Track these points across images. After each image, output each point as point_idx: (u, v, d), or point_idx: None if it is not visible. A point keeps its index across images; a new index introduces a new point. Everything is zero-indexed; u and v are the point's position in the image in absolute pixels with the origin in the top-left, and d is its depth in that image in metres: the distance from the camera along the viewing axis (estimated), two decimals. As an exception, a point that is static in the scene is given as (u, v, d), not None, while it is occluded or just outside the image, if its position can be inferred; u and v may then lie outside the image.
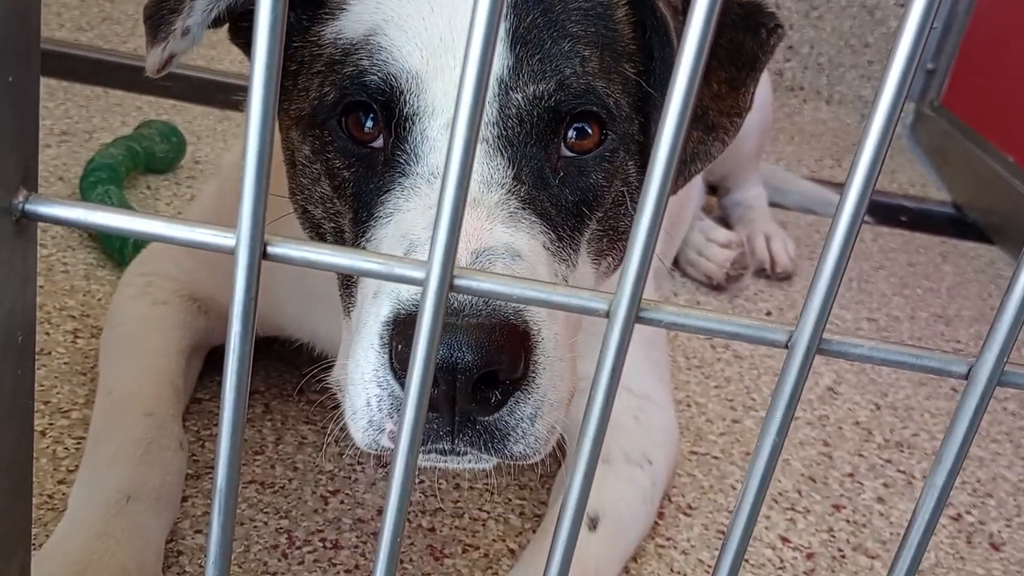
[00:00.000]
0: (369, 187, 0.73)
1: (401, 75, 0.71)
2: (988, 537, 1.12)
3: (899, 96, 0.41)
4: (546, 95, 0.72)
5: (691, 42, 0.39)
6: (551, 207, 0.72)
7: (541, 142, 0.72)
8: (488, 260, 0.65)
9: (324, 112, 0.75)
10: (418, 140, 0.71)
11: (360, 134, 0.73)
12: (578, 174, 0.75)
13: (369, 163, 0.73)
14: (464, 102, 0.40)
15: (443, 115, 0.70)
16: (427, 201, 0.69)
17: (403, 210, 0.70)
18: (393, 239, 0.69)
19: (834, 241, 0.43)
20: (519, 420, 0.65)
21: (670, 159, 0.41)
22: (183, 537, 0.89)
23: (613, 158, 0.77)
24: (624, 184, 0.79)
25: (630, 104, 0.77)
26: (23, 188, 0.45)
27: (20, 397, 0.50)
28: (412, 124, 0.71)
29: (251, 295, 0.45)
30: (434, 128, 0.70)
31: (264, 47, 0.40)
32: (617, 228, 0.80)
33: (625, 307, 0.45)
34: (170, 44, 0.78)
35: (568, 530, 0.49)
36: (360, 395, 0.66)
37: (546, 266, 0.70)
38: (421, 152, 0.71)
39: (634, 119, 0.78)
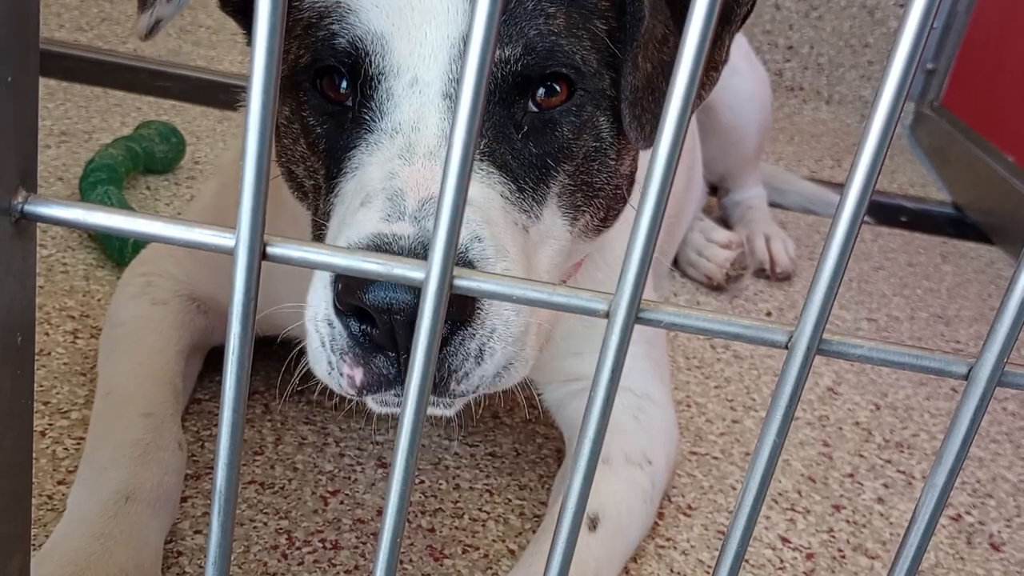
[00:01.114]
0: (339, 143, 0.75)
1: (367, 37, 0.73)
2: (988, 537, 1.12)
3: (899, 96, 0.40)
4: (512, 59, 0.73)
5: (691, 42, 0.39)
6: (512, 160, 0.74)
7: (505, 101, 0.74)
8: (433, 208, 0.66)
9: (300, 74, 0.77)
10: (383, 98, 0.73)
11: (334, 94, 0.76)
12: (543, 128, 0.76)
13: (340, 120, 0.76)
14: (463, 110, 0.40)
15: (408, 73, 0.72)
16: (387, 154, 0.71)
17: (365, 164, 0.72)
18: (354, 191, 0.71)
19: (834, 241, 0.43)
20: (464, 359, 0.67)
21: (670, 160, 0.41)
22: (183, 538, 0.89)
23: (581, 112, 0.78)
24: (595, 139, 0.80)
25: (599, 60, 0.78)
26: (22, 188, 0.45)
27: (20, 397, 0.50)
28: (378, 83, 0.73)
29: (250, 295, 0.45)
30: (399, 86, 0.73)
31: (263, 48, 0.40)
32: (592, 184, 0.81)
33: (625, 308, 0.45)
34: (157, 8, 0.81)
35: (568, 530, 0.49)
36: (314, 336, 0.69)
37: (501, 213, 0.72)
38: (386, 109, 0.73)
39: (604, 74, 0.79)
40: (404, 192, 0.68)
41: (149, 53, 2.29)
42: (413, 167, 0.69)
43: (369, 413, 1.13)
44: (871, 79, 2.93)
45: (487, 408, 1.18)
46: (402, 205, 0.67)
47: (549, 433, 1.15)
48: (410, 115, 0.72)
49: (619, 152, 0.83)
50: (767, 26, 2.92)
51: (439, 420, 1.14)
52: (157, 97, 1.98)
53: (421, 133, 0.71)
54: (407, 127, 0.72)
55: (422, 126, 0.71)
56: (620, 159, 0.83)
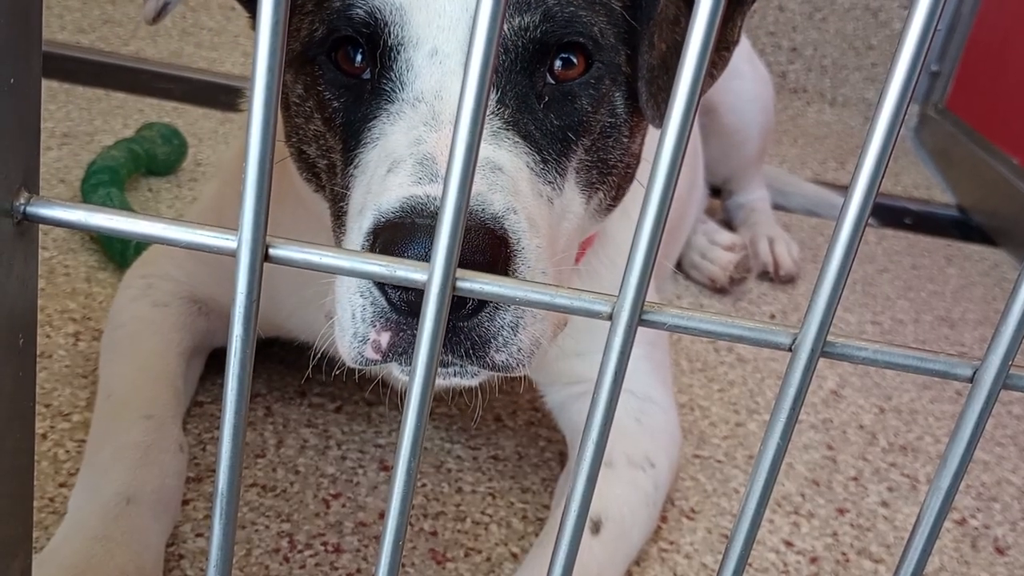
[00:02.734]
0: (357, 115, 0.75)
1: (385, 7, 0.73)
2: (993, 541, 1.12)
3: (903, 99, 0.40)
4: (531, 26, 0.74)
5: (695, 41, 0.39)
6: (535, 130, 0.74)
7: (526, 70, 0.75)
8: None
9: (314, 48, 0.77)
10: (403, 68, 0.73)
11: (350, 67, 0.76)
12: (563, 100, 0.77)
13: (358, 93, 0.75)
14: (464, 118, 0.40)
15: (426, 44, 0.72)
16: (410, 123, 0.71)
17: (388, 134, 0.72)
18: (378, 160, 0.71)
19: (838, 243, 0.43)
20: (500, 328, 0.67)
21: (673, 161, 0.41)
22: (184, 540, 0.88)
23: (599, 85, 0.78)
24: (611, 115, 0.80)
25: (616, 35, 0.79)
26: (24, 190, 0.45)
27: (22, 399, 0.50)
28: (397, 53, 0.73)
29: (253, 297, 0.45)
30: (418, 57, 0.72)
31: (266, 49, 0.40)
32: (606, 160, 0.82)
33: (628, 310, 0.45)
34: None
35: (571, 534, 0.48)
36: (346, 309, 0.68)
37: (528, 183, 0.72)
38: (406, 80, 0.73)
39: (620, 50, 0.79)
40: (434, 156, 0.67)
41: (151, 55, 2.29)
42: (440, 132, 0.69)
43: (371, 416, 1.13)
44: (875, 81, 2.92)
45: (489, 410, 1.18)
46: (433, 168, 0.67)
47: (552, 436, 1.14)
48: (432, 85, 0.72)
49: (631, 130, 0.83)
50: (771, 28, 2.92)
51: (441, 422, 1.14)
52: (159, 99, 1.99)
53: (445, 101, 0.71)
54: (430, 96, 0.71)
55: (445, 95, 0.71)
56: (632, 137, 0.84)
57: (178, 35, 2.47)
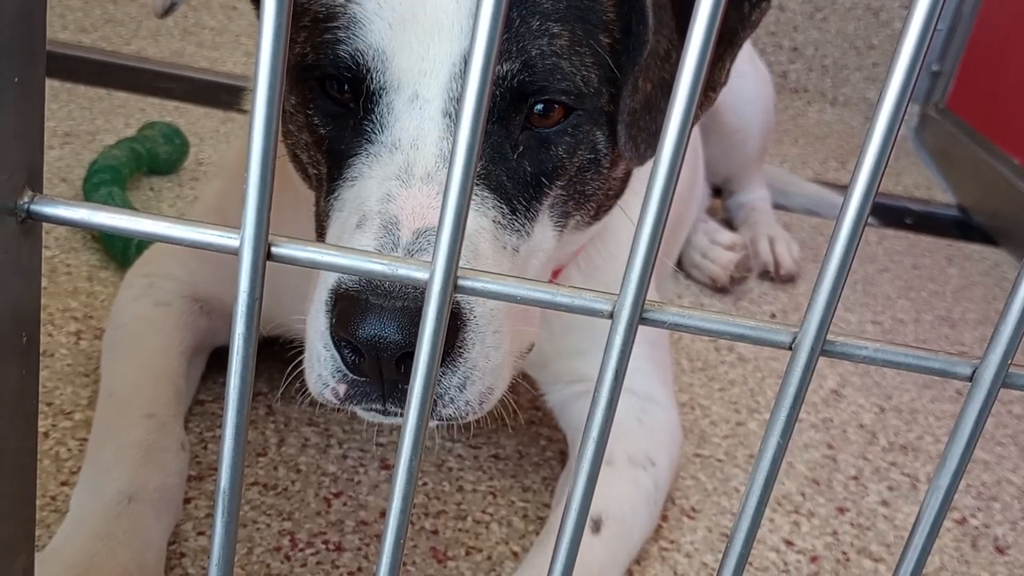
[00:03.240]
0: (341, 147, 0.76)
1: (368, 51, 0.73)
2: (993, 541, 1.12)
3: (902, 98, 0.40)
4: (510, 75, 0.73)
5: (690, 63, 0.39)
6: (507, 180, 0.75)
7: (503, 119, 0.74)
8: (427, 241, 0.67)
9: (305, 71, 0.77)
10: (384, 111, 0.73)
11: (338, 96, 0.76)
12: (539, 147, 0.76)
13: (343, 124, 0.76)
14: (466, 117, 0.40)
15: (408, 88, 0.72)
16: (385, 172, 0.72)
17: (365, 176, 0.73)
18: (352, 206, 0.72)
19: (838, 242, 0.43)
20: (446, 388, 0.70)
21: (674, 161, 0.41)
22: (186, 539, 0.89)
23: (576, 132, 0.78)
24: (591, 152, 0.80)
25: (601, 76, 0.78)
26: (28, 188, 0.45)
27: (25, 398, 0.50)
28: (379, 97, 0.73)
29: (255, 296, 0.45)
30: (399, 101, 0.73)
31: (268, 50, 0.40)
32: (584, 192, 0.82)
33: (629, 308, 0.45)
34: None
35: (571, 533, 0.48)
36: (311, 350, 0.71)
37: (490, 241, 0.73)
38: (386, 123, 0.73)
39: (604, 92, 0.78)
40: (399, 220, 0.68)
41: (152, 54, 2.29)
42: (410, 190, 0.69)
43: (372, 414, 1.13)
44: (876, 81, 2.92)
45: (490, 411, 1.18)
46: (396, 235, 0.68)
47: (553, 435, 1.14)
48: (410, 131, 0.72)
49: (613, 161, 0.82)
50: (771, 27, 2.92)
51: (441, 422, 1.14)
52: (161, 98, 1.99)
53: (420, 151, 0.71)
54: (406, 143, 0.72)
55: (421, 144, 0.71)
56: (614, 167, 0.83)
57: (180, 34, 2.47)
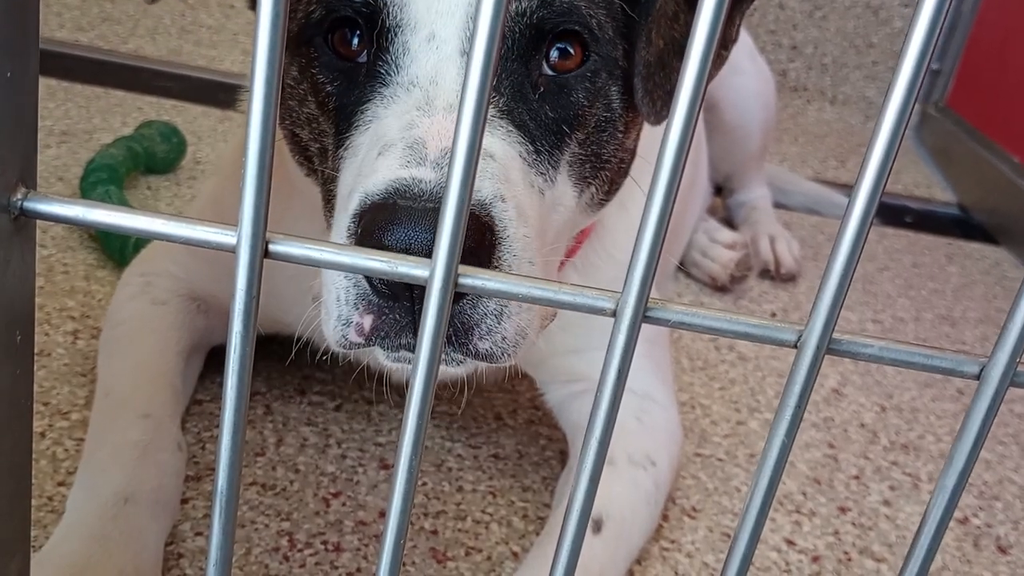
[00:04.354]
0: (351, 99, 0.74)
1: None
2: (995, 540, 1.11)
3: (908, 100, 0.40)
4: (528, 11, 0.73)
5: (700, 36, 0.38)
6: (530, 120, 0.74)
7: (522, 58, 0.74)
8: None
9: (311, 29, 0.76)
10: (399, 51, 0.72)
11: (346, 50, 0.75)
12: (559, 92, 0.76)
13: (352, 76, 0.75)
14: (466, 116, 0.39)
15: (424, 28, 0.72)
16: (404, 107, 0.70)
17: (380, 117, 0.71)
18: (370, 143, 0.71)
19: (844, 239, 0.43)
20: (483, 315, 0.66)
21: (683, 138, 0.40)
22: (183, 539, 0.88)
23: (595, 79, 0.78)
24: (607, 110, 0.80)
25: (614, 29, 0.78)
26: (22, 185, 0.45)
27: (19, 397, 0.49)
28: (394, 36, 0.72)
29: (252, 294, 0.44)
30: (416, 40, 0.72)
31: (265, 44, 0.39)
32: (600, 155, 0.81)
33: (632, 306, 0.44)
34: None
35: (573, 533, 0.48)
36: (331, 292, 0.67)
37: (520, 172, 0.71)
38: (402, 63, 0.72)
39: (618, 44, 0.79)
40: (425, 141, 0.67)
41: (150, 53, 2.29)
42: (433, 118, 0.68)
43: (371, 414, 1.12)
44: (876, 79, 2.92)
45: (490, 409, 1.17)
46: (423, 152, 0.66)
47: (552, 434, 1.14)
48: (428, 70, 0.71)
49: (627, 125, 0.83)
50: (771, 26, 2.91)
51: (441, 420, 1.13)
52: (158, 97, 1.98)
53: (440, 87, 0.70)
54: (425, 81, 0.71)
55: (440, 80, 0.70)
56: (627, 132, 0.83)
57: (177, 33, 2.47)
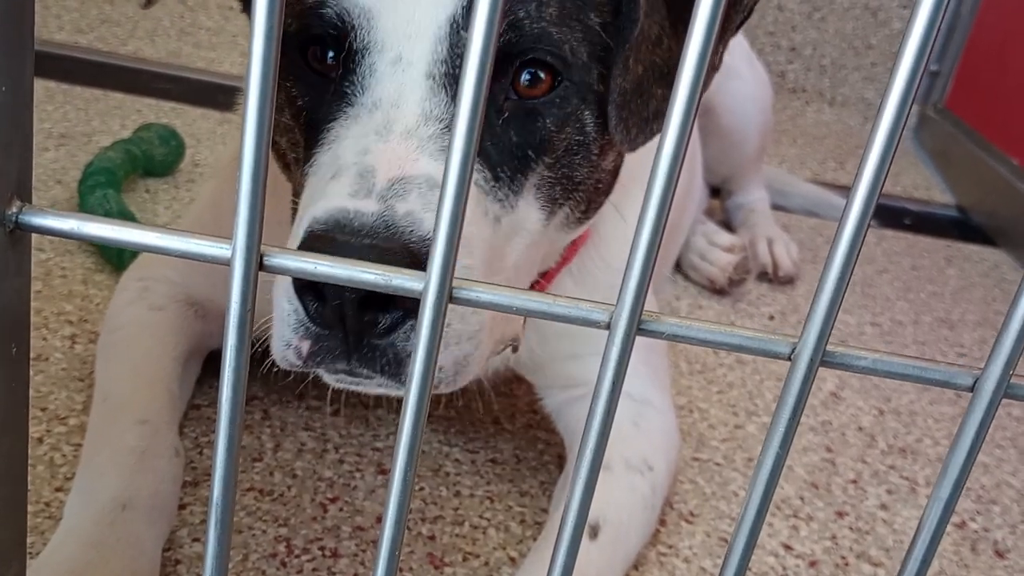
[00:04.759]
0: (320, 115, 0.75)
1: (354, 10, 0.72)
2: (992, 544, 1.11)
3: (904, 104, 0.40)
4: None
5: (695, 45, 0.38)
6: (490, 145, 0.73)
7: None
8: (403, 188, 0.66)
9: (287, 42, 0.76)
10: (366, 73, 0.72)
11: (320, 65, 0.75)
12: (525, 117, 0.75)
13: (323, 92, 0.75)
14: (462, 115, 0.39)
15: (391, 50, 0.72)
16: (363, 129, 0.70)
17: (341, 138, 0.71)
18: (328, 164, 0.71)
19: (838, 252, 0.43)
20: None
21: (671, 169, 0.41)
22: (181, 545, 0.88)
23: (565, 105, 0.76)
24: (579, 133, 0.79)
25: (590, 53, 0.77)
26: (17, 199, 0.45)
27: (15, 409, 0.49)
28: (362, 57, 0.72)
29: (247, 307, 0.45)
30: (382, 62, 0.72)
31: (260, 54, 0.40)
32: (572, 178, 0.80)
33: (626, 319, 0.44)
34: None
35: (569, 540, 0.48)
36: (278, 312, 0.68)
37: (472, 201, 0.70)
38: (367, 84, 0.72)
39: (593, 68, 0.77)
40: (375, 169, 0.67)
41: (149, 55, 2.29)
42: (388, 144, 0.68)
43: (369, 419, 1.12)
44: (874, 80, 2.92)
45: (487, 413, 1.17)
46: (371, 181, 0.66)
47: (550, 439, 1.14)
48: (391, 92, 0.71)
49: (602, 148, 0.81)
50: (770, 27, 2.91)
51: (438, 425, 1.13)
52: (157, 99, 1.98)
53: (400, 110, 0.70)
54: (387, 103, 0.71)
55: (402, 103, 0.70)
56: (603, 155, 0.82)
57: (176, 35, 2.47)
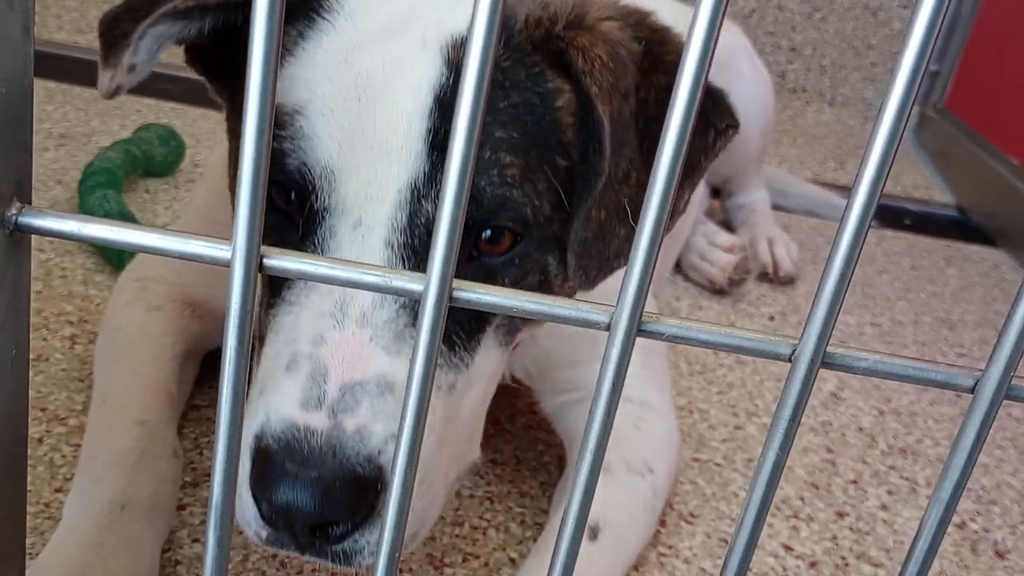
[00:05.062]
0: None
1: (316, 168, 0.68)
2: (993, 545, 1.11)
3: (906, 104, 0.40)
4: None
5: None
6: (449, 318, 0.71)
7: None
8: (353, 399, 0.64)
9: None
10: (326, 235, 0.69)
11: (283, 204, 0.71)
12: (484, 275, 0.72)
13: (287, 238, 0.71)
14: (463, 116, 0.39)
15: (352, 214, 0.68)
16: (320, 307, 0.67)
17: (302, 305, 0.68)
18: (285, 338, 0.68)
19: (838, 254, 0.43)
20: (364, 545, 0.65)
21: (669, 181, 0.40)
22: (181, 546, 0.88)
23: (525, 261, 0.73)
24: (540, 274, 0.75)
25: (554, 203, 0.73)
26: (16, 200, 0.45)
27: (14, 411, 0.49)
28: (322, 218, 0.69)
29: (247, 308, 0.45)
30: (342, 226, 0.68)
31: (260, 57, 0.39)
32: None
33: (626, 320, 0.44)
34: (117, 76, 0.74)
35: (569, 540, 0.48)
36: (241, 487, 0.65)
37: None
38: (327, 247, 0.69)
39: (556, 218, 0.74)
40: (328, 369, 0.64)
41: (150, 55, 2.28)
42: (343, 333, 0.65)
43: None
44: (874, 81, 2.92)
45: (487, 414, 1.17)
46: (322, 388, 0.64)
47: (550, 440, 1.14)
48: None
49: (564, 279, 0.77)
50: (770, 27, 2.91)
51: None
52: (157, 99, 1.98)
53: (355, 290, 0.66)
54: None
55: None
56: (565, 284, 0.78)
57: (176, 35, 2.47)
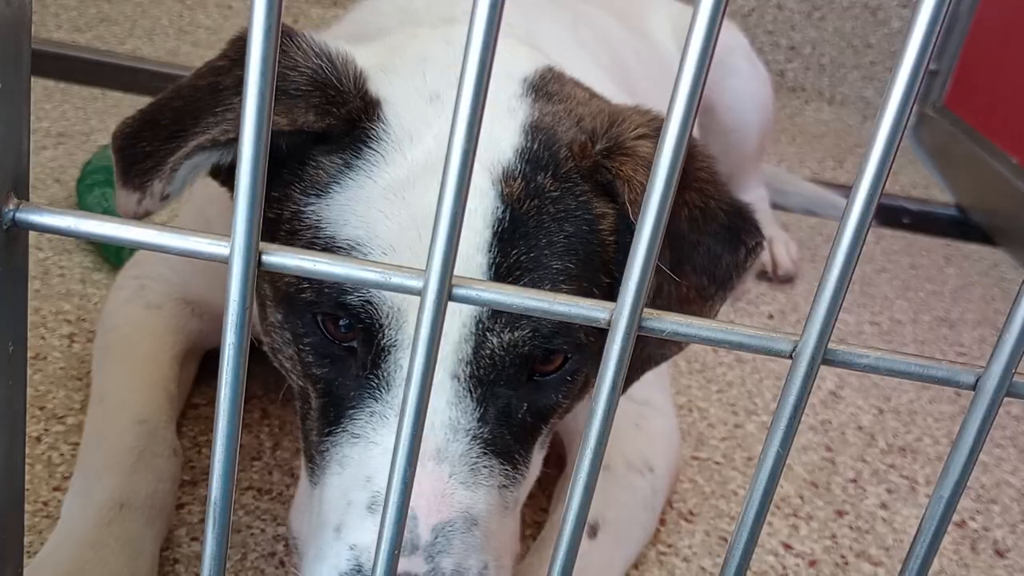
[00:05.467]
0: (340, 393, 0.70)
1: (383, 308, 0.67)
2: (992, 543, 1.11)
3: (906, 104, 0.40)
4: (520, 342, 0.69)
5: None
6: (511, 438, 0.71)
7: (512, 382, 0.70)
8: (446, 540, 0.65)
9: (299, 303, 0.70)
10: (392, 370, 0.68)
11: (337, 333, 0.70)
12: (538, 394, 0.73)
13: (344, 367, 0.70)
14: (463, 115, 0.39)
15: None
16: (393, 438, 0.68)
17: (371, 440, 0.68)
18: (357, 475, 0.68)
19: (839, 251, 0.43)
20: None
21: (670, 178, 0.40)
22: (179, 545, 0.88)
23: (575, 377, 0.74)
24: (584, 384, 0.77)
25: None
26: (14, 196, 0.44)
27: (12, 408, 0.49)
28: (388, 353, 0.68)
29: (246, 305, 0.44)
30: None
31: (259, 53, 0.39)
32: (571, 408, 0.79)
33: (627, 317, 0.44)
34: (147, 202, 0.71)
35: (569, 538, 0.48)
36: None
37: (499, 514, 0.70)
38: (394, 381, 0.68)
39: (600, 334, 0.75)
40: (417, 515, 0.64)
41: (147, 54, 2.28)
42: (423, 470, 0.65)
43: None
44: (873, 79, 2.92)
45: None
46: (416, 533, 0.64)
47: (550, 438, 1.14)
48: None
49: None
50: (769, 26, 2.91)
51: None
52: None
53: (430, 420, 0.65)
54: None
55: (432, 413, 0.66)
56: None
57: (175, 33, 2.46)
